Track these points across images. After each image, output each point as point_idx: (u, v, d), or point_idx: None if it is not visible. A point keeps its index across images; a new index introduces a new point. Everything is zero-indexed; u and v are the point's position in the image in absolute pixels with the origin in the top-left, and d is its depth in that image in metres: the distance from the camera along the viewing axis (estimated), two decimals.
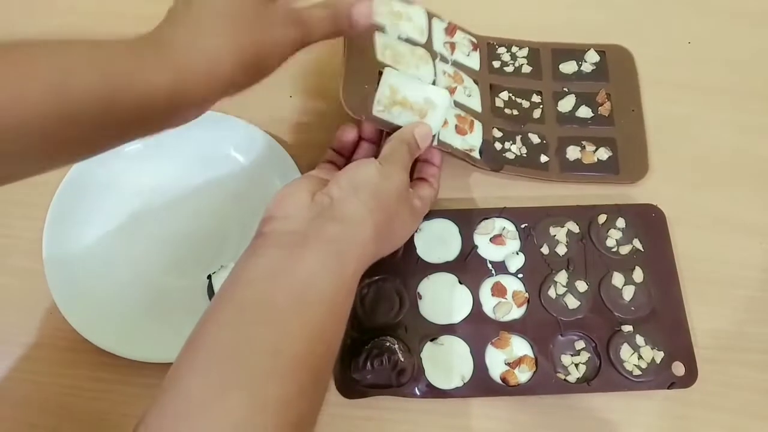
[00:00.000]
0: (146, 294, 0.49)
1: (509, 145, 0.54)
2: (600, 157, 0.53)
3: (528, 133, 0.54)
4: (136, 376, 0.46)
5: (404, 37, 0.52)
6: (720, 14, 0.61)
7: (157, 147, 0.52)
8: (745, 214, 0.53)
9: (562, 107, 0.55)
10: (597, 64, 0.57)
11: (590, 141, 0.54)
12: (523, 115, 0.55)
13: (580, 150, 0.54)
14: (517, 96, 0.56)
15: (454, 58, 0.55)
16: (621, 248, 0.50)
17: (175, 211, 0.52)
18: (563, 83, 0.56)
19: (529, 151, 0.54)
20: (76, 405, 0.46)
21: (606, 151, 0.53)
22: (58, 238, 0.49)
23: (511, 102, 0.56)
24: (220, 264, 0.48)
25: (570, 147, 0.54)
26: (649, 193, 0.52)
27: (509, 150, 0.53)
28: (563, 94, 0.56)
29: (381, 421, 0.45)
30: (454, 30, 0.56)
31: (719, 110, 0.57)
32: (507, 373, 0.46)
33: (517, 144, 0.54)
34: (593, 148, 0.54)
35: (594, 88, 0.56)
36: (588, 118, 0.55)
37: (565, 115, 0.55)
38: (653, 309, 0.48)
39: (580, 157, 0.53)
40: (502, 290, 0.48)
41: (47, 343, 0.48)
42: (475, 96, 0.55)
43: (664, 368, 0.46)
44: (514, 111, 0.55)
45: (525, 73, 0.57)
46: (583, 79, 0.57)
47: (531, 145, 0.54)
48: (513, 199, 0.52)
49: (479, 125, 0.53)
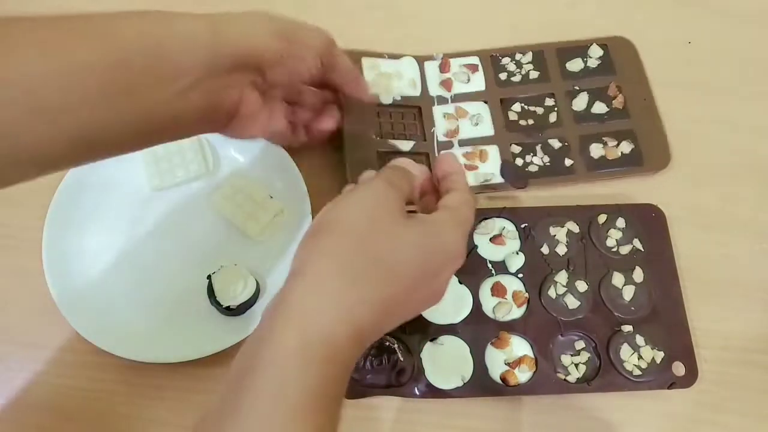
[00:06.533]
0: (146, 294, 0.49)
1: (530, 157, 0.53)
2: (624, 151, 0.53)
3: (548, 140, 0.54)
4: (136, 376, 0.46)
5: (398, 99, 0.54)
6: (720, 14, 0.61)
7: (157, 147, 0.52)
8: (745, 214, 0.53)
9: (576, 106, 0.55)
10: (602, 58, 0.57)
11: (611, 136, 0.54)
12: (539, 122, 0.55)
13: (602, 147, 0.53)
14: (530, 104, 0.56)
15: (453, 93, 0.55)
16: (621, 248, 0.50)
17: (175, 211, 0.52)
18: (573, 81, 0.56)
19: (552, 159, 0.53)
20: (76, 405, 0.46)
21: (628, 144, 0.53)
22: (58, 238, 0.49)
23: (525, 112, 0.55)
24: (220, 264, 0.48)
25: (593, 145, 0.54)
26: (649, 193, 0.52)
27: (531, 163, 0.53)
28: (575, 93, 0.56)
29: (381, 421, 0.45)
30: (447, 64, 0.56)
31: (720, 110, 0.57)
32: (507, 373, 0.46)
33: (538, 154, 0.53)
34: (615, 142, 0.53)
35: (604, 83, 0.56)
36: (604, 113, 0.55)
37: (581, 113, 0.55)
38: (653, 309, 0.48)
39: (604, 154, 0.53)
40: (502, 290, 0.48)
41: (47, 343, 0.48)
42: (485, 121, 0.54)
43: (664, 368, 0.46)
44: (530, 121, 0.55)
45: (533, 78, 0.56)
46: (591, 75, 0.57)
47: (553, 152, 0.54)
48: (513, 199, 0.52)
49: (495, 149, 0.53)
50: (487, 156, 0.53)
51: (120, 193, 0.52)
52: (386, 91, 0.54)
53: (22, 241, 0.50)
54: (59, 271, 0.48)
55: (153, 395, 0.46)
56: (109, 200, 0.51)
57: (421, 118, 0.55)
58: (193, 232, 0.51)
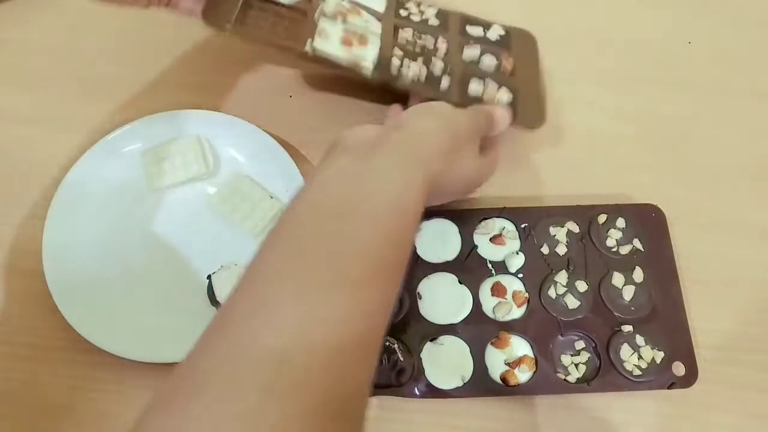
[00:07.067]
0: (146, 294, 0.49)
1: (410, 63, 0.51)
2: (501, 99, 0.51)
3: (432, 57, 0.52)
4: (136, 376, 0.46)
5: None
6: (720, 14, 0.61)
7: (157, 147, 0.52)
8: (745, 214, 0.53)
9: (466, 55, 0.53)
10: (502, 37, 0.56)
11: (493, 80, 0.52)
12: (426, 53, 0.52)
13: (482, 87, 0.52)
14: (422, 33, 0.53)
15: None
16: (621, 248, 0.50)
17: (175, 211, 0.52)
18: (470, 39, 0.55)
19: (429, 73, 0.51)
20: (76, 405, 0.46)
21: (507, 92, 0.52)
22: (58, 238, 0.49)
23: (415, 40, 0.53)
24: (220, 264, 0.48)
25: (474, 80, 0.52)
26: (649, 193, 0.52)
27: (409, 68, 0.50)
28: (470, 44, 0.54)
29: (380, 421, 0.45)
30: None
31: (719, 110, 0.57)
32: (507, 373, 0.46)
33: (418, 64, 0.51)
34: (496, 86, 0.52)
35: (498, 51, 0.55)
36: (491, 67, 0.54)
37: (470, 63, 0.53)
38: (653, 309, 0.48)
39: (480, 95, 0.51)
40: (502, 290, 0.48)
41: (47, 343, 0.48)
42: (375, 30, 0.52)
43: (664, 368, 0.46)
44: (417, 49, 0.52)
45: (431, 24, 0.55)
46: (488, 44, 0.55)
47: (432, 71, 0.51)
48: (513, 199, 0.52)
49: (375, 41, 0.51)
50: (367, 42, 0.51)
51: (120, 193, 0.52)
52: None
53: (22, 241, 0.51)
54: (59, 270, 0.47)
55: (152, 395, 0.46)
56: (109, 200, 0.51)
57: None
58: (193, 232, 0.51)
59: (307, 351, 0.29)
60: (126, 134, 0.52)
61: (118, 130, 0.52)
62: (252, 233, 0.50)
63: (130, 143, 0.53)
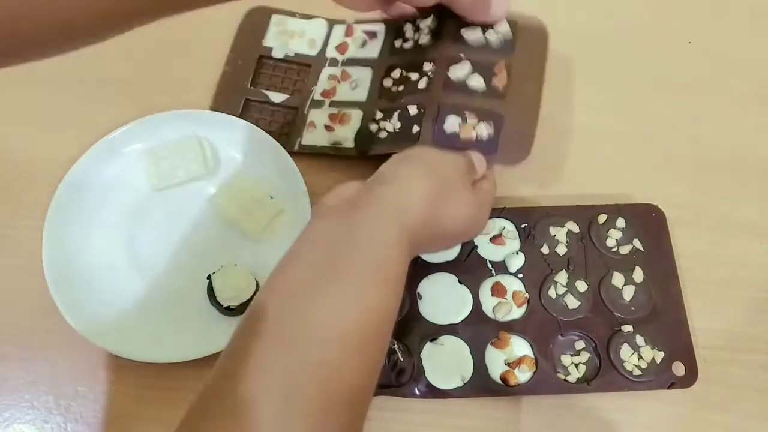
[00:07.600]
0: (146, 294, 0.49)
1: (385, 123, 0.51)
2: (480, 134, 0.47)
3: (407, 106, 0.50)
4: (136, 376, 0.46)
5: (291, 55, 0.57)
6: (720, 14, 0.61)
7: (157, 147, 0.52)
8: (745, 214, 0.53)
9: (454, 73, 0.49)
10: (506, 40, 0.50)
11: (474, 113, 0.48)
12: (408, 88, 0.51)
13: (460, 123, 0.48)
14: (409, 70, 0.52)
15: (346, 57, 0.56)
16: (621, 248, 0.50)
17: (175, 211, 0.52)
18: (463, 48, 0.50)
19: (403, 125, 0.49)
20: (77, 405, 0.46)
21: (487, 127, 0.47)
22: (58, 238, 0.49)
23: (401, 78, 0.52)
24: (220, 264, 0.48)
25: (450, 117, 0.48)
26: (649, 193, 0.52)
27: (383, 129, 0.51)
28: (458, 60, 0.49)
29: (380, 421, 0.45)
30: (352, 30, 0.57)
31: (719, 110, 0.57)
32: (507, 373, 0.46)
33: (393, 120, 0.50)
34: (475, 121, 0.48)
35: (493, 58, 0.50)
36: (479, 89, 0.49)
37: (455, 83, 0.49)
38: (653, 309, 0.48)
39: (458, 131, 0.47)
40: (502, 290, 0.48)
41: (47, 343, 0.48)
42: (362, 86, 0.54)
43: (664, 368, 0.46)
44: (401, 87, 0.52)
45: (422, 44, 0.52)
46: (485, 53, 0.50)
47: (406, 118, 0.49)
48: (513, 199, 0.52)
49: (358, 115, 0.53)
50: (349, 119, 0.53)
51: (120, 193, 0.52)
52: (282, 47, 0.58)
53: (22, 241, 0.51)
54: (59, 271, 0.47)
55: (152, 395, 0.46)
56: (109, 200, 0.51)
57: (308, 76, 0.57)
58: (193, 232, 0.51)
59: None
60: (126, 134, 0.52)
61: (119, 130, 0.52)
62: (252, 233, 0.50)
63: (130, 143, 0.53)
